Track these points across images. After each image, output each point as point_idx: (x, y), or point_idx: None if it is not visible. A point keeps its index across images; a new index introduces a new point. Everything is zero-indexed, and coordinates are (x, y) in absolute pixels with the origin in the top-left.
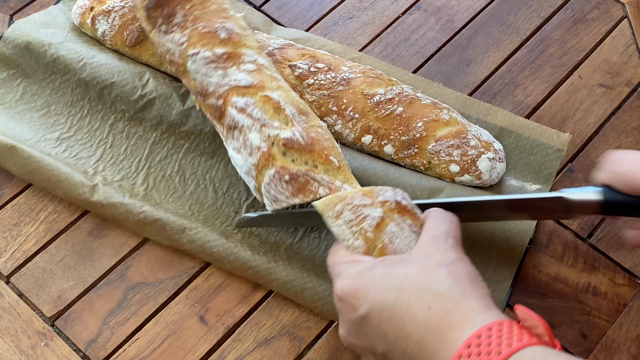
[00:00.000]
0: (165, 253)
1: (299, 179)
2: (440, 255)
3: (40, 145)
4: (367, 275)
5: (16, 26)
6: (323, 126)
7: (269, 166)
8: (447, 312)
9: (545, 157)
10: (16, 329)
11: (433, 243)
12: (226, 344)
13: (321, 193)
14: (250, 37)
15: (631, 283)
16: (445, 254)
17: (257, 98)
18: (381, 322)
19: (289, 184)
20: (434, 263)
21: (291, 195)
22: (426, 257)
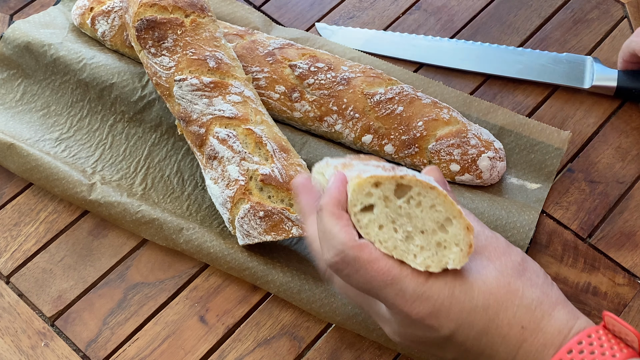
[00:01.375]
0: (165, 253)
1: (273, 216)
2: (507, 258)
3: (40, 145)
4: (445, 294)
5: (16, 26)
6: (303, 165)
7: (244, 200)
8: (541, 329)
9: (545, 155)
10: (16, 329)
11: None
12: (226, 344)
13: (294, 233)
14: (238, 69)
15: (631, 283)
16: (510, 254)
17: (240, 130)
18: (465, 342)
19: (263, 221)
20: (507, 270)
21: (264, 232)
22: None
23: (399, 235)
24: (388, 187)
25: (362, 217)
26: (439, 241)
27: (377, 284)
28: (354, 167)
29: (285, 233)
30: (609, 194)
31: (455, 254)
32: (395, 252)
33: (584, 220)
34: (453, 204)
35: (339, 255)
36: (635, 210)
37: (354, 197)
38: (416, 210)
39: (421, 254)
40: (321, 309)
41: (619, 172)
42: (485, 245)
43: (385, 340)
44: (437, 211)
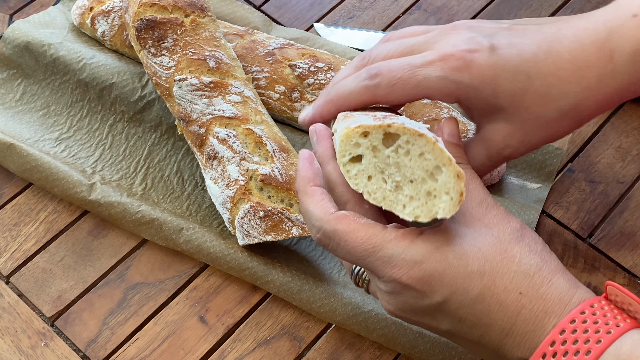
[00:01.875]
0: (165, 253)
1: (273, 216)
2: (505, 225)
3: (39, 145)
4: (436, 258)
5: (15, 26)
6: None
7: (244, 200)
8: (540, 295)
9: (545, 155)
10: (16, 329)
11: (485, 207)
12: (226, 344)
13: (294, 233)
14: (238, 68)
15: (631, 283)
16: (509, 222)
17: (240, 130)
18: (459, 309)
19: (263, 221)
20: (505, 236)
21: (264, 232)
22: (489, 226)
23: (388, 186)
24: (376, 136)
25: (351, 168)
26: (429, 190)
27: (359, 254)
28: (352, 118)
29: (285, 233)
30: (609, 193)
31: (445, 203)
32: (384, 203)
33: (584, 220)
34: (442, 151)
35: (319, 231)
36: (636, 210)
37: (342, 148)
38: (405, 159)
39: (410, 204)
40: (321, 309)
41: (619, 172)
42: (484, 213)
43: (385, 341)
44: (426, 159)
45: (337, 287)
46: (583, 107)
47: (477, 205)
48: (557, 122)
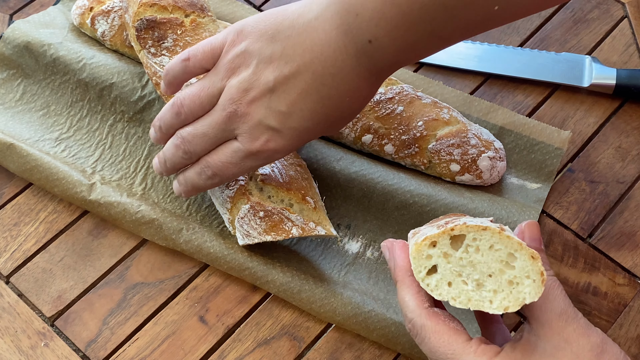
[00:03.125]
0: (165, 253)
1: (273, 216)
2: (585, 340)
3: (39, 145)
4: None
5: (15, 26)
6: (303, 165)
7: (244, 200)
8: None
9: (545, 155)
10: (16, 329)
11: (565, 320)
12: (226, 344)
13: (294, 233)
14: None
15: (631, 283)
16: (589, 336)
17: None
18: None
19: (263, 221)
20: (585, 352)
21: (264, 232)
22: (568, 341)
23: (470, 287)
24: (443, 242)
25: (430, 280)
26: (509, 279)
27: (439, 356)
28: (419, 232)
29: (285, 233)
30: (609, 193)
31: (529, 287)
32: (471, 305)
33: (584, 220)
34: (510, 238)
35: (410, 322)
36: (636, 210)
37: (415, 264)
38: (477, 256)
39: (496, 298)
40: (321, 309)
41: (619, 171)
42: (564, 326)
43: (385, 341)
44: (497, 249)
45: (337, 287)
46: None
47: (557, 317)
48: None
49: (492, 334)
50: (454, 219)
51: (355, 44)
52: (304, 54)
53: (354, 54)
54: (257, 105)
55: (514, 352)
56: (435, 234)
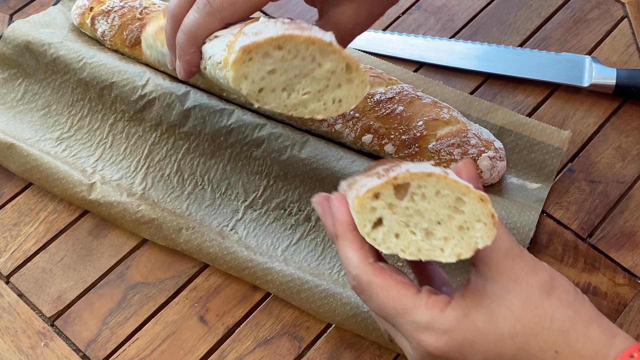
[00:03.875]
0: (165, 253)
1: (301, 24)
2: (533, 278)
3: (40, 145)
4: (466, 325)
5: (15, 26)
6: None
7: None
8: (577, 352)
9: (545, 155)
10: (16, 329)
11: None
12: (226, 344)
13: (325, 38)
14: None
15: (631, 283)
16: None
17: None
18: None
19: (286, 24)
20: (534, 291)
21: (284, 31)
22: (517, 281)
23: (419, 236)
24: (387, 193)
25: (376, 234)
26: (460, 225)
27: (389, 312)
28: (357, 184)
29: (310, 32)
30: (609, 193)
31: (481, 231)
32: (421, 255)
33: (584, 220)
34: (457, 182)
35: (354, 279)
36: (636, 210)
37: (359, 218)
38: (423, 203)
39: (447, 245)
40: (321, 309)
41: (619, 171)
42: (511, 266)
43: (385, 341)
44: (444, 195)
45: (337, 287)
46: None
47: (503, 257)
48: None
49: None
50: (392, 165)
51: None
52: None
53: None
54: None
55: (464, 299)
56: (377, 185)
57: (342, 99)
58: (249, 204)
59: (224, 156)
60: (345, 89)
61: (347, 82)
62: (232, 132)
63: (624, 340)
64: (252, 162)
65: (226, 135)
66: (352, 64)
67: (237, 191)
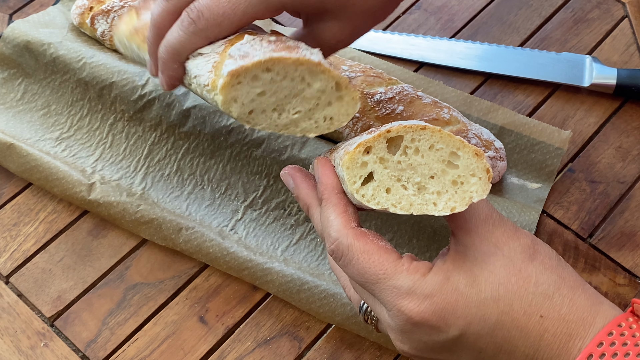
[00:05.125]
0: (165, 253)
1: (287, 42)
2: (515, 242)
3: (40, 145)
4: (448, 289)
5: (15, 26)
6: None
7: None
8: (562, 317)
9: (546, 155)
10: (15, 329)
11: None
12: (226, 344)
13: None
14: None
15: (632, 283)
16: (519, 238)
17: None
18: (478, 340)
19: (273, 44)
20: (517, 254)
21: (271, 52)
22: (498, 245)
23: (410, 191)
24: (379, 147)
25: (366, 191)
26: (454, 179)
27: (369, 277)
28: (342, 146)
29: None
30: (609, 193)
31: (475, 185)
32: (413, 209)
33: (584, 221)
34: (451, 136)
35: (334, 242)
36: (636, 210)
37: (349, 174)
38: (416, 157)
39: (440, 200)
40: (321, 309)
41: (620, 171)
42: (491, 230)
43: (385, 341)
44: (438, 149)
45: (337, 287)
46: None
47: (482, 222)
48: (382, 9)
49: None
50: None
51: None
52: None
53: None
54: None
55: (446, 264)
56: (370, 138)
57: (333, 117)
58: (249, 204)
59: (224, 156)
60: (336, 106)
61: (337, 100)
62: (232, 132)
63: (610, 309)
64: (252, 162)
65: (226, 135)
66: (342, 82)
67: (237, 191)
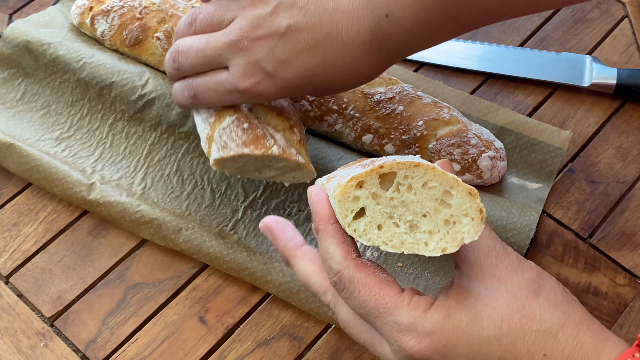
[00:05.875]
0: (165, 253)
1: (257, 130)
2: (519, 277)
3: (40, 145)
4: (449, 327)
5: (15, 26)
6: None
7: (231, 112)
8: (566, 356)
9: (546, 155)
10: (15, 329)
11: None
12: (226, 344)
13: (274, 150)
14: None
15: (632, 283)
16: (523, 272)
17: None
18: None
19: (245, 133)
20: (521, 290)
21: (243, 144)
22: (502, 280)
23: (402, 229)
24: (372, 182)
25: (358, 225)
26: (446, 218)
27: (370, 310)
28: (338, 176)
29: (264, 149)
30: (609, 193)
31: (468, 225)
32: (404, 248)
33: (584, 220)
34: (445, 174)
35: (336, 275)
36: (636, 210)
37: (341, 208)
38: (409, 195)
39: (432, 239)
40: (320, 309)
41: (620, 171)
42: (495, 264)
43: None
44: (432, 187)
45: None
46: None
47: (485, 255)
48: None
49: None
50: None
51: (374, 17)
52: (323, 13)
53: (370, 27)
54: (261, 44)
55: (448, 300)
56: (362, 173)
57: (298, 178)
58: (249, 204)
59: None
60: (298, 173)
61: (299, 169)
62: None
63: (616, 344)
64: None
65: None
66: (299, 164)
67: (237, 191)
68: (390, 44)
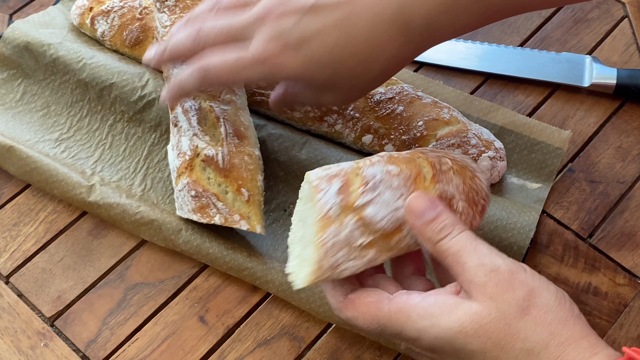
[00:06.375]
0: (165, 253)
1: (202, 199)
2: (510, 295)
3: (39, 146)
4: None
5: (15, 26)
6: (254, 155)
7: (185, 175)
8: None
9: (546, 155)
10: (15, 329)
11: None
12: (226, 344)
13: (216, 220)
14: None
15: (632, 283)
16: (514, 290)
17: (204, 105)
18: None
19: (193, 200)
20: (510, 309)
21: (192, 211)
22: (494, 298)
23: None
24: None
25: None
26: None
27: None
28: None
29: (209, 218)
30: (609, 193)
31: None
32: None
33: (584, 220)
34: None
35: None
36: (636, 210)
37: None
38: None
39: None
40: (320, 309)
41: (620, 171)
42: (484, 283)
43: (385, 341)
44: None
45: None
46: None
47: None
48: (369, 86)
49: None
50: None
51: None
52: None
53: (395, 10)
54: (287, 18)
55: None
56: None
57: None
58: None
59: None
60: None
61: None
62: None
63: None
64: None
65: None
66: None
67: None
68: (412, 24)
